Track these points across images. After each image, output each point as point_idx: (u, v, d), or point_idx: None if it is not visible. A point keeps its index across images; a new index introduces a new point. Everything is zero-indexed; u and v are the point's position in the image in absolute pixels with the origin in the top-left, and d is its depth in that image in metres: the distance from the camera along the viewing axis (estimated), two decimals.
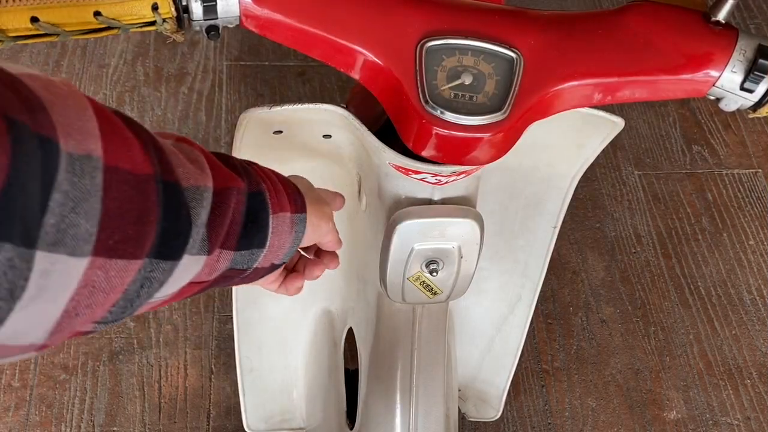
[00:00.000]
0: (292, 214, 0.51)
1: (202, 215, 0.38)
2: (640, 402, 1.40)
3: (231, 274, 0.46)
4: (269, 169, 0.52)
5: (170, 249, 0.36)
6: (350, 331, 0.99)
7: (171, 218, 0.35)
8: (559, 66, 0.58)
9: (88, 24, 0.52)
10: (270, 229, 0.47)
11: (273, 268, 0.52)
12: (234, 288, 0.98)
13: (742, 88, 0.59)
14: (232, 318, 1.01)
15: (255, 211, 0.46)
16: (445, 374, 0.83)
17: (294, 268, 0.64)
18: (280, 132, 0.71)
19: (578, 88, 0.59)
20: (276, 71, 1.78)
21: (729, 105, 0.61)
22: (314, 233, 0.57)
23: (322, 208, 0.57)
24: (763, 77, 0.58)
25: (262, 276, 0.52)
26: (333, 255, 0.64)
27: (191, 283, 0.42)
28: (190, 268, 0.39)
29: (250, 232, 0.45)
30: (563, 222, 0.92)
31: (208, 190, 0.39)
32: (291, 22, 0.56)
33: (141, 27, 0.54)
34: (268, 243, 0.47)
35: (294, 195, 0.52)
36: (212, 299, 1.43)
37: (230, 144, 0.75)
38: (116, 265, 0.32)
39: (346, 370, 1.04)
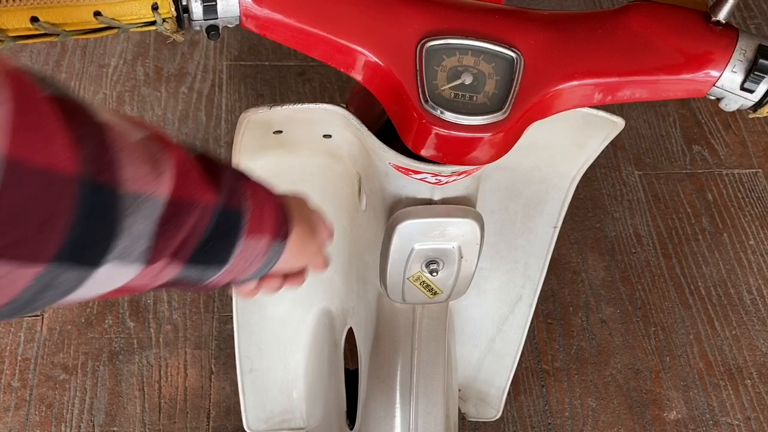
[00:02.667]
0: (271, 240, 0.48)
1: (138, 224, 0.34)
2: (640, 402, 1.40)
3: (180, 283, 0.43)
4: (264, 188, 0.48)
5: (83, 256, 0.32)
6: (350, 331, 0.99)
7: (90, 224, 0.31)
8: (559, 66, 0.58)
9: (88, 24, 0.52)
10: (236, 251, 0.44)
11: (236, 282, 0.49)
12: (234, 288, 0.98)
13: (742, 88, 0.59)
14: (232, 318, 1.01)
15: (225, 228, 0.42)
16: (445, 374, 0.83)
17: None
18: (280, 132, 0.71)
19: (578, 88, 0.59)
20: (276, 71, 1.78)
21: (729, 105, 0.61)
22: (292, 260, 0.54)
23: (307, 240, 0.54)
24: (764, 77, 0.58)
25: (221, 286, 0.48)
26: (298, 276, 0.59)
27: (128, 287, 0.39)
28: (118, 274, 0.36)
29: (212, 249, 0.42)
30: (563, 222, 0.92)
31: (156, 199, 0.35)
32: (291, 22, 0.56)
33: (141, 27, 0.54)
34: (230, 263, 0.44)
35: (280, 221, 0.49)
36: (212, 299, 1.43)
37: (230, 144, 0.75)
38: (4, 268, 0.29)
39: (346, 370, 1.04)
